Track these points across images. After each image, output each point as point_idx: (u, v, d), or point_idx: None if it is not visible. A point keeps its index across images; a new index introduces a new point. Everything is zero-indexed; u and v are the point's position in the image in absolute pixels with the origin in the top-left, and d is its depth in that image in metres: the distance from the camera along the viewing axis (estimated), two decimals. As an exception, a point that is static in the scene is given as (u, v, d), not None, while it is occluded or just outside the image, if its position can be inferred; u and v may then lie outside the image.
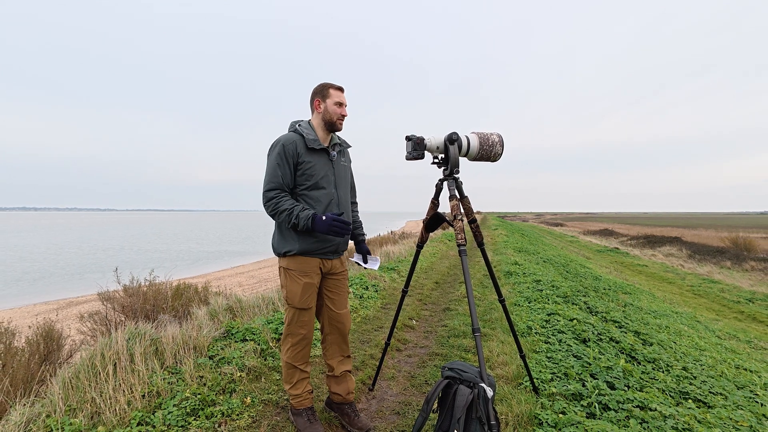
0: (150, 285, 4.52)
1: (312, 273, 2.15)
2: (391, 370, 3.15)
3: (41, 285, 15.11)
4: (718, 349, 4.98)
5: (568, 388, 2.58)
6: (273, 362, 3.10)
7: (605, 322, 4.48)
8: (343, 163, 2.28)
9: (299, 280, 2.12)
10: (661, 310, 6.95)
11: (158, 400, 2.39)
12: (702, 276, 13.96)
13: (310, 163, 2.09)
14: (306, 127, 2.15)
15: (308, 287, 2.13)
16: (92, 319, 4.09)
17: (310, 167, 2.09)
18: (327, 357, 2.35)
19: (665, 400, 2.60)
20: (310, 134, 2.11)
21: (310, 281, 2.13)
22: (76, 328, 4.28)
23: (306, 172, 2.09)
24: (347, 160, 2.35)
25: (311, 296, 2.16)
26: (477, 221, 2.33)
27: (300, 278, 2.12)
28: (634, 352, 3.50)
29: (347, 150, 2.36)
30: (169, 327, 3.10)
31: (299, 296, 2.12)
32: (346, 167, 2.31)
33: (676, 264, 16.79)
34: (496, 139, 2.26)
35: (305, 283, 2.12)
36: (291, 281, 2.13)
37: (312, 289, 2.16)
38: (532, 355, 3.17)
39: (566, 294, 5.46)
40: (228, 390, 2.63)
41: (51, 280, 16.15)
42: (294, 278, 2.12)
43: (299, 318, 2.16)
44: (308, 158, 2.09)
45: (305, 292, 2.12)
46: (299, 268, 2.12)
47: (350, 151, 2.41)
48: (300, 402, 2.24)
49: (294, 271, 2.12)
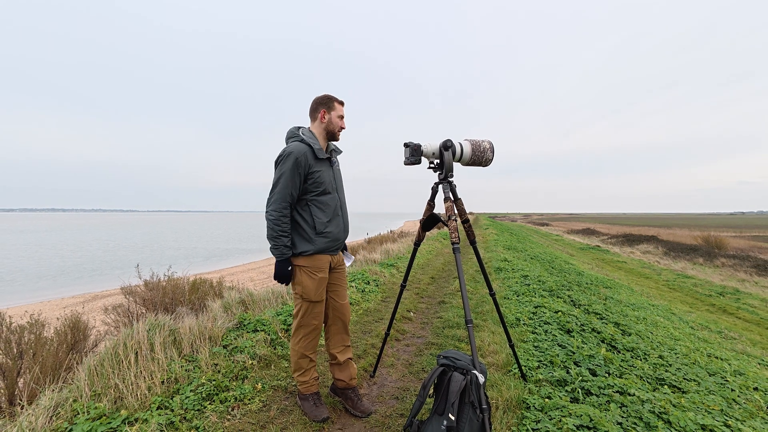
0: (169, 280, 4.51)
1: (324, 268, 2.17)
2: (391, 358, 3.15)
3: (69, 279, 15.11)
4: (691, 339, 4.97)
5: (554, 374, 2.58)
6: (282, 351, 3.10)
7: (587, 314, 4.47)
8: (338, 168, 2.30)
9: (315, 276, 2.13)
10: (638, 303, 6.95)
11: (176, 386, 2.39)
12: (677, 271, 13.95)
13: (319, 172, 2.09)
14: (310, 136, 2.12)
15: (322, 282, 2.16)
16: (116, 311, 4.08)
17: (319, 175, 2.09)
18: (330, 346, 2.35)
19: (643, 385, 2.59)
20: (316, 144, 2.09)
21: (324, 276, 2.16)
22: (100, 319, 4.27)
23: (317, 180, 2.08)
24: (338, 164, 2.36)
25: (323, 289, 2.18)
26: (470, 221, 2.33)
27: (315, 274, 2.13)
28: (614, 342, 3.50)
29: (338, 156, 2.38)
30: (186, 318, 3.09)
31: (314, 290, 2.13)
32: (340, 171, 2.33)
33: (653, 260, 16.77)
34: (487, 145, 2.26)
35: (320, 278, 2.14)
36: (307, 278, 2.13)
37: (324, 283, 2.18)
38: (521, 345, 3.17)
39: (552, 288, 5.45)
40: (240, 377, 2.62)
41: (78, 276, 16.15)
42: (310, 275, 2.13)
43: (312, 310, 2.17)
44: (317, 167, 2.09)
45: (320, 286, 2.15)
46: (314, 265, 2.14)
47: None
48: (307, 388, 2.26)
49: (309, 267, 2.13)
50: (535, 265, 8.53)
